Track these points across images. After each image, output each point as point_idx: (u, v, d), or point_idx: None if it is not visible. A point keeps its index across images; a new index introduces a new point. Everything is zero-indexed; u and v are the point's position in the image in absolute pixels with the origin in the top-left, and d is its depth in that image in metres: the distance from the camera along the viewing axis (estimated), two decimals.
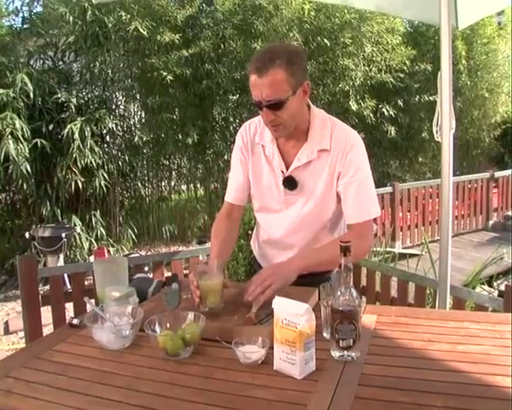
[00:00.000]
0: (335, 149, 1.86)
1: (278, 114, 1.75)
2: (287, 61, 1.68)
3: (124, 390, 1.28)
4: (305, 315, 1.30)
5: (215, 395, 1.25)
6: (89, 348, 1.52)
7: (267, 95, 1.70)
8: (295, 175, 1.91)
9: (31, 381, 1.34)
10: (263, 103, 1.73)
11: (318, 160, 1.88)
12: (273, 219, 2.03)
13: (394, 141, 8.87)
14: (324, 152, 1.87)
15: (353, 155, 1.86)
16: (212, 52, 6.87)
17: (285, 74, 1.68)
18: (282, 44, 1.79)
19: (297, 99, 1.75)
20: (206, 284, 1.66)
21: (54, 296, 3.22)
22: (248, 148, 2.02)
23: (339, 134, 1.88)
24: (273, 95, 1.70)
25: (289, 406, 1.20)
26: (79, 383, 1.32)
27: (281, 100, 1.71)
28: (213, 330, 1.52)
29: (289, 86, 1.70)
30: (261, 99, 1.72)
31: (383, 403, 1.20)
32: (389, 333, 1.60)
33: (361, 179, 1.87)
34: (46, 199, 6.33)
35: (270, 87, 1.69)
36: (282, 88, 1.69)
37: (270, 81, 1.68)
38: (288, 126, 1.81)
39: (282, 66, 1.67)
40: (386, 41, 7.98)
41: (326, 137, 1.87)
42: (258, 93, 1.72)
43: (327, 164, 1.87)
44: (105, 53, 6.43)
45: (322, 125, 1.88)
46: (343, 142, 1.86)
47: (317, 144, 1.87)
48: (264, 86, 1.69)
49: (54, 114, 6.37)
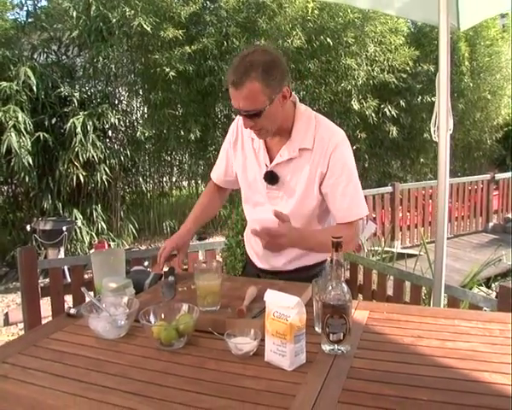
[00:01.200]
0: (318, 148, 1.88)
1: (257, 121, 1.79)
2: (262, 72, 1.70)
3: (118, 378, 1.31)
4: (296, 308, 1.33)
5: (207, 384, 1.28)
6: (85, 337, 1.56)
7: (244, 106, 1.74)
8: (277, 171, 1.94)
9: (27, 367, 1.37)
10: (241, 112, 1.78)
11: (300, 158, 1.90)
12: (257, 212, 2.07)
13: (396, 141, 8.89)
14: (306, 151, 1.89)
15: (338, 155, 1.87)
16: (216, 49, 6.89)
17: (260, 86, 1.71)
18: (258, 52, 1.77)
19: (275, 106, 1.78)
20: (204, 284, 1.66)
21: (53, 288, 3.25)
22: (238, 142, 2.08)
23: (322, 133, 1.88)
24: (249, 106, 1.74)
25: (278, 396, 1.22)
26: (75, 370, 1.36)
27: (257, 110, 1.75)
28: (206, 322, 1.55)
29: (265, 97, 1.73)
30: (239, 108, 1.77)
31: (370, 396, 1.22)
32: (380, 329, 1.62)
33: (347, 180, 1.89)
34: (48, 192, 6.36)
35: (247, 99, 1.72)
36: (258, 99, 1.73)
37: (246, 94, 1.71)
38: (270, 130, 1.86)
39: (257, 78, 1.69)
40: (389, 41, 8.01)
41: (309, 137, 1.88)
42: (236, 104, 1.76)
43: (308, 163, 1.89)
44: (108, 48, 6.44)
45: (305, 124, 1.90)
46: (326, 142, 1.87)
47: (299, 143, 1.89)
48: (240, 98, 1.73)
49: (56, 108, 6.40)
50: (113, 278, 1.80)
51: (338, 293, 1.40)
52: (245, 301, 1.66)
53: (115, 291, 1.72)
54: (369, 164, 9.54)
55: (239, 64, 1.73)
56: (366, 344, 1.50)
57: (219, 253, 4.09)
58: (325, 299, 1.41)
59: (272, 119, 1.81)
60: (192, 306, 1.57)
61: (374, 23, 7.77)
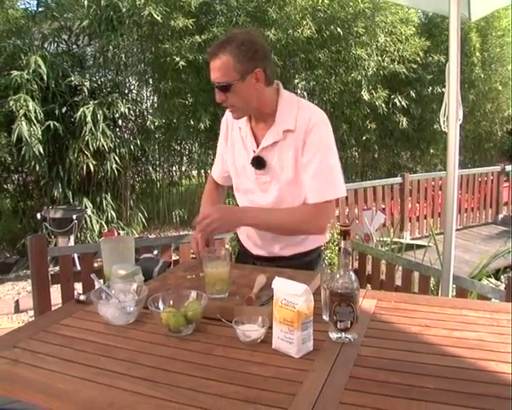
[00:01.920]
0: (299, 129, 1.91)
1: (228, 96, 1.86)
2: (235, 47, 1.79)
3: (126, 363, 1.32)
4: (304, 296, 1.33)
5: (214, 370, 1.29)
6: (94, 323, 1.57)
7: (216, 77, 1.84)
8: (263, 155, 1.98)
9: (37, 352, 1.39)
10: (215, 84, 1.86)
11: (284, 140, 1.94)
12: (248, 199, 2.10)
13: (406, 132, 8.85)
14: (290, 133, 1.93)
15: (315, 134, 1.90)
16: None
17: (232, 60, 1.80)
18: (240, 32, 1.89)
19: (247, 85, 1.85)
20: (213, 272, 1.67)
21: (63, 275, 3.29)
22: (228, 134, 2.14)
23: (303, 114, 1.92)
24: (221, 77, 1.82)
25: (285, 382, 1.23)
26: (84, 355, 1.37)
27: (228, 83, 1.82)
28: (215, 309, 1.56)
29: (236, 72, 1.81)
30: (213, 80, 1.86)
31: (377, 383, 1.23)
32: (388, 317, 1.62)
33: (321, 160, 1.90)
34: (58, 181, 6.41)
35: (219, 70, 1.82)
36: (228, 73, 1.81)
37: (219, 65, 1.81)
38: (242, 110, 1.93)
39: (230, 52, 1.79)
40: (399, 31, 7.95)
41: (291, 118, 1.92)
42: (211, 75, 1.86)
43: (292, 145, 1.93)
44: (119, 37, 6.45)
45: (288, 107, 1.94)
46: (306, 121, 1.90)
47: (283, 125, 1.93)
48: (214, 69, 1.83)
49: (67, 97, 6.42)
50: (122, 265, 1.81)
51: (346, 281, 1.41)
52: (254, 288, 1.67)
53: (124, 278, 1.73)
54: (379, 155, 9.52)
55: (220, 39, 1.87)
56: (373, 333, 1.51)
57: (228, 241, 4.11)
58: (333, 287, 1.42)
59: (243, 97, 1.87)
60: (200, 293, 1.58)
61: (384, 13, 7.72)
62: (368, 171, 9.55)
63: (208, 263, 1.67)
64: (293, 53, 7.36)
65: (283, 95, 1.98)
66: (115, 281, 1.72)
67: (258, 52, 1.86)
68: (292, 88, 7.93)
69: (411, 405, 1.13)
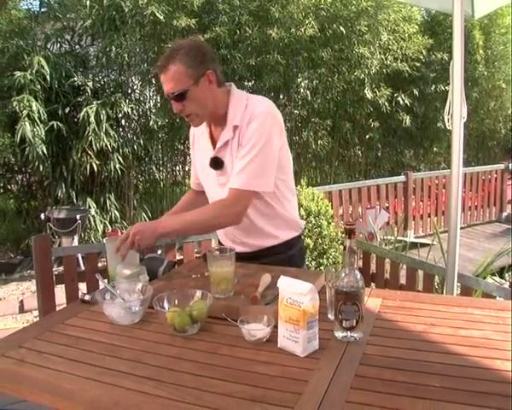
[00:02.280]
0: (243, 124, 1.94)
1: (185, 104, 1.89)
2: (183, 54, 1.83)
3: (132, 363, 1.33)
4: (309, 294, 1.33)
5: (219, 369, 1.29)
6: (99, 323, 1.58)
7: (170, 88, 1.86)
8: (220, 156, 2.00)
9: (42, 352, 1.40)
10: (170, 96, 1.88)
11: (234, 138, 1.96)
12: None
13: (409, 130, 8.83)
14: (236, 129, 1.95)
15: (253, 124, 1.91)
16: (228, 38, 6.85)
17: (183, 67, 1.83)
18: (184, 41, 1.94)
19: (201, 88, 1.88)
20: (218, 271, 1.67)
21: (67, 275, 3.30)
22: (195, 143, 2.20)
23: (249, 108, 1.94)
24: (175, 87, 1.85)
25: (291, 381, 1.23)
26: (89, 354, 1.38)
27: (183, 90, 1.85)
28: (220, 309, 1.56)
29: (189, 77, 1.85)
30: (168, 92, 1.88)
31: (382, 382, 1.23)
32: (393, 316, 1.62)
33: (253, 147, 1.90)
34: (61, 181, 6.41)
35: (171, 80, 1.85)
36: (181, 80, 1.84)
37: (171, 75, 1.85)
38: (200, 115, 1.95)
39: (179, 60, 1.83)
40: (402, 29, 7.92)
41: (239, 114, 1.95)
42: (165, 88, 1.89)
43: (237, 140, 1.95)
44: (121, 37, 6.43)
45: (238, 105, 1.97)
46: (249, 114, 1.92)
47: (231, 122, 1.96)
48: (166, 81, 1.86)
49: (70, 98, 6.42)
50: (127, 265, 1.81)
51: (351, 280, 1.41)
52: (259, 287, 1.67)
53: (129, 278, 1.73)
54: (382, 153, 9.50)
55: (166, 52, 1.88)
56: (379, 331, 1.51)
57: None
58: (338, 286, 1.42)
59: (199, 102, 1.90)
60: (205, 292, 1.58)
61: (387, 11, 7.70)
62: (371, 169, 9.53)
63: (213, 262, 1.67)
64: (295, 52, 7.35)
65: (234, 94, 2.00)
66: (120, 281, 1.73)
67: (206, 55, 1.91)
68: (295, 87, 7.94)
69: (417, 403, 1.13)
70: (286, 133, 2.06)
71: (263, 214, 2.04)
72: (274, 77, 7.05)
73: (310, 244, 3.62)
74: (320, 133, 8.00)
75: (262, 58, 7.10)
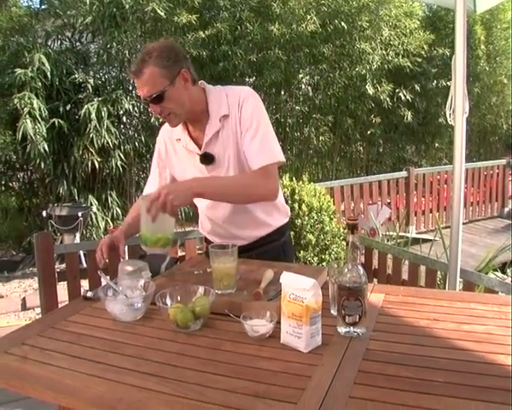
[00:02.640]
0: (232, 110, 1.96)
1: (163, 105, 1.88)
2: (156, 57, 1.83)
3: (134, 359, 1.32)
4: (312, 290, 1.33)
5: (222, 365, 1.29)
6: (102, 320, 1.58)
7: (147, 91, 1.85)
8: (209, 150, 2.00)
9: (45, 348, 1.39)
10: (147, 99, 1.87)
11: (224, 128, 1.98)
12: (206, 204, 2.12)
13: (411, 126, 8.82)
14: (226, 118, 1.97)
15: (247, 107, 1.95)
16: (229, 34, 6.85)
17: (157, 69, 1.83)
18: (155, 43, 1.91)
19: (177, 87, 1.88)
20: (220, 267, 1.67)
21: (69, 272, 3.30)
22: (169, 150, 2.16)
23: (232, 96, 1.98)
24: (152, 90, 1.84)
25: (294, 377, 1.23)
26: (92, 351, 1.37)
27: (160, 92, 1.84)
28: (223, 304, 1.56)
29: (164, 78, 1.84)
30: (144, 96, 1.87)
31: (386, 377, 1.22)
32: (396, 311, 1.62)
33: (258, 126, 1.94)
34: (63, 178, 6.41)
35: (147, 84, 1.84)
36: (157, 81, 1.84)
37: (146, 79, 1.83)
38: (179, 113, 1.94)
39: (152, 63, 1.82)
40: (404, 25, 7.92)
41: (224, 104, 1.97)
42: (141, 92, 1.87)
43: (231, 128, 1.97)
44: (122, 34, 6.42)
45: (218, 97, 1.99)
46: (236, 100, 1.96)
47: (217, 114, 1.97)
48: (142, 85, 1.85)
49: (71, 95, 6.41)
50: (129, 261, 1.81)
51: (354, 275, 1.40)
52: (261, 283, 1.67)
53: (132, 274, 1.73)
54: (384, 149, 9.49)
55: (138, 58, 1.86)
56: (382, 327, 1.50)
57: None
58: (341, 281, 1.41)
59: (177, 101, 1.90)
60: (208, 288, 1.58)
61: (388, 7, 7.69)
62: (373, 165, 9.53)
63: (215, 258, 1.67)
64: (297, 48, 7.33)
65: (210, 89, 2.03)
66: (122, 277, 1.72)
67: (178, 54, 1.92)
68: (296, 83, 7.92)
69: (421, 399, 1.13)
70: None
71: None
72: (275, 73, 7.04)
73: (312, 240, 3.62)
74: (321, 129, 8.00)
75: (263, 54, 7.09)
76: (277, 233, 2.17)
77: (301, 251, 3.60)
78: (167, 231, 1.81)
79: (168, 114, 1.92)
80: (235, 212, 2.05)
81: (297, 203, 3.64)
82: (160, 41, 1.98)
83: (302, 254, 3.58)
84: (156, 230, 1.78)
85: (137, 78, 1.84)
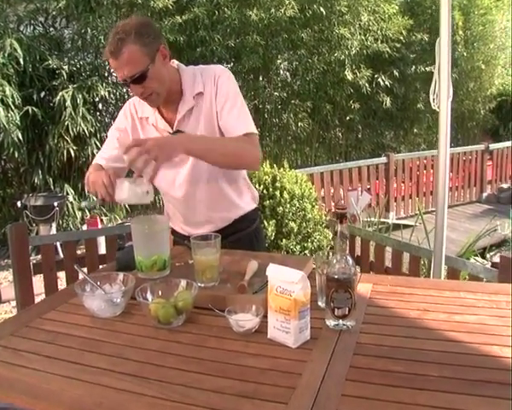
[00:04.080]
0: (207, 87, 1.93)
1: (145, 85, 1.81)
2: (135, 34, 1.74)
3: (113, 358, 1.25)
4: (300, 283, 1.27)
5: (207, 363, 1.23)
6: (79, 317, 1.49)
7: (128, 71, 1.76)
8: (182, 128, 1.94)
9: (19, 349, 1.31)
10: (128, 81, 1.78)
11: (197, 106, 1.93)
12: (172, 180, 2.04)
13: (389, 111, 8.81)
14: (200, 96, 1.93)
15: (222, 82, 1.93)
16: (207, 19, 6.72)
17: (138, 47, 1.74)
18: (128, 20, 1.81)
19: (158, 65, 1.81)
20: (202, 259, 1.60)
21: (45, 264, 3.21)
22: (136, 125, 2.05)
23: (207, 74, 1.95)
24: (133, 70, 1.76)
25: (283, 375, 1.17)
26: (68, 351, 1.30)
27: (142, 71, 1.77)
28: (206, 299, 1.49)
29: (145, 56, 1.76)
30: (125, 77, 1.78)
31: (378, 372, 1.18)
32: (385, 302, 1.57)
33: (235, 99, 1.93)
34: (38, 167, 6.26)
35: (128, 64, 1.75)
36: (139, 61, 1.75)
37: (127, 58, 1.74)
38: (160, 93, 1.87)
39: (132, 41, 1.73)
40: (382, 10, 7.84)
41: (198, 82, 1.93)
42: (120, 73, 1.78)
43: (205, 105, 1.93)
44: (97, 19, 6.26)
45: (192, 75, 1.95)
46: (211, 78, 1.93)
47: (192, 91, 1.93)
48: (123, 66, 1.75)
49: (45, 82, 6.24)
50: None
51: (343, 266, 1.35)
52: (246, 275, 1.60)
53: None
54: (363, 135, 9.47)
55: (113, 36, 1.75)
56: (371, 319, 1.46)
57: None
58: (329, 272, 1.36)
59: (159, 79, 1.83)
60: (190, 282, 1.51)
61: None
62: (352, 151, 9.51)
63: (197, 250, 1.59)
64: (275, 33, 7.23)
65: (183, 68, 1.98)
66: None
67: (156, 30, 1.86)
68: (274, 68, 7.84)
69: (416, 395, 1.09)
70: None
71: (228, 178, 2.04)
72: (253, 58, 6.93)
73: (294, 228, 3.56)
74: (300, 115, 7.94)
75: (241, 39, 6.97)
76: (248, 220, 2.16)
77: (283, 239, 3.54)
78: (163, 252, 1.72)
79: (150, 93, 1.84)
80: (210, 191, 2.01)
81: (278, 191, 3.58)
82: (134, 18, 1.87)
83: (284, 242, 3.53)
84: (151, 252, 1.70)
85: (116, 58, 1.74)
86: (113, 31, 1.77)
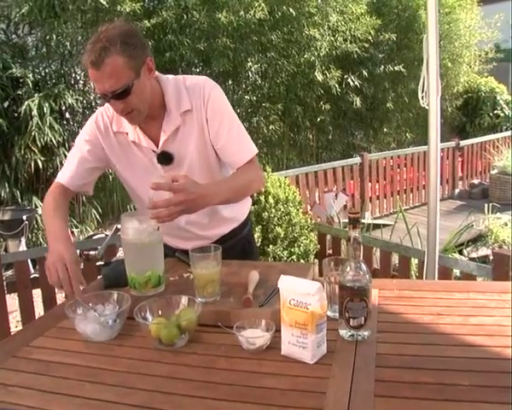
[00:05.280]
0: (195, 105, 1.77)
1: (127, 101, 1.62)
2: (121, 44, 1.55)
3: (118, 388, 1.13)
4: (317, 294, 1.18)
5: (221, 387, 1.12)
6: (72, 342, 1.36)
7: (110, 86, 1.57)
8: (167, 148, 1.78)
9: (8, 384, 1.17)
10: (108, 95, 1.60)
11: (184, 125, 1.77)
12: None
13: (359, 112, 8.84)
14: (188, 113, 1.77)
15: (214, 102, 1.78)
16: (175, 23, 6.61)
17: (123, 59, 1.56)
18: (111, 27, 1.61)
19: (142, 79, 1.64)
20: (203, 273, 1.49)
21: (20, 282, 3.07)
22: (111, 138, 1.84)
23: (193, 89, 1.78)
24: (116, 84, 1.57)
25: (306, 395, 1.08)
26: (65, 382, 1.17)
27: (126, 86, 1.59)
28: (209, 315, 1.38)
29: (131, 70, 1.59)
30: (105, 91, 1.59)
31: (406, 385, 1.10)
32: (395, 308, 1.50)
33: (231, 120, 1.82)
34: (4, 180, 6.05)
35: (112, 77, 1.56)
36: (124, 75, 1.57)
37: (110, 71, 1.55)
38: (142, 110, 1.68)
39: (117, 52, 1.54)
40: (351, 10, 7.86)
41: (184, 98, 1.76)
42: (100, 86, 1.59)
43: (194, 124, 1.78)
44: (62, 25, 6.08)
45: (175, 89, 1.77)
46: (200, 94, 1.77)
47: (178, 109, 1.76)
48: (104, 78, 1.57)
49: (9, 91, 6.04)
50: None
51: (357, 273, 1.27)
52: (249, 287, 1.50)
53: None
54: (333, 136, 9.47)
55: (95, 43, 1.55)
56: (385, 327, 1.38)
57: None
58: (343, 281, 1.27)
59: (142, 95, 1.65)
60: (192, 298, 1.40)
61: None
62: (322, 152, 9.51)
63: (197, 263, 1.48)
64: (244, 36, 7.15)
65: (164, 79, 1.79)
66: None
67: (142, 40, 1.68)
68: (244, 72, 7.76)
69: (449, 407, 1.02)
70: None
71: None
72: (223, 62, 6.84)
73: (280, 233, 3.48)
74: (271, 118, 7.88)
75: (210, 43, 6.88)
76: (241, 226, 2.06)
77: (270, 245, 3.45)
78: (157, 268, 1.59)
79: (131, 111, 1.65)
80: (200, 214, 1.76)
81: (263, 195, 3.48)
82: (118, 24, 1.64)
83: (271, 248, 3.44)
84: (145, 268, 1.57)
85: (97, 69, 1.54)
86: (94, 36, 1.58)
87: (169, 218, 1.49)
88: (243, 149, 1.80)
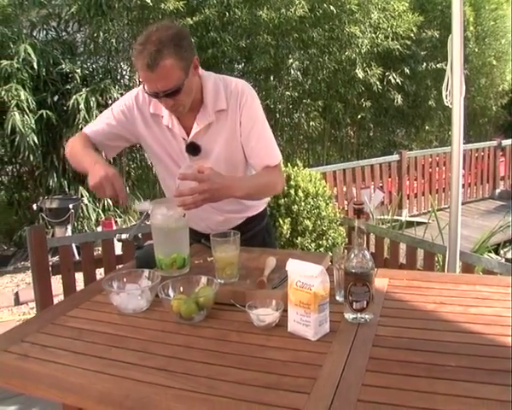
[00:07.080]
0: (232, 105, 1.88)
1: (177, 99, 1.75)
2: (173, 47, 1.66)
3: (139, 353, 1.29)
4: (320, 277, 1.30)
5: (230, 356, 1.26)
6: (102, 314, 1.53)
7: (163, 86, 1.69)
8: (197, 140, 1.91)
9: (46, 345, 1.35)
10: (160, 94, 1.73)
11: (217, 122, 1.89)
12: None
13: (401, 109, 8.79)
14: (222, 113, 1.88)
15: (248, 106, 1.89)
16: (217, 20, 6.76)
17: (175, 61, 1.67)
18: (162, 29, 1.70)
19: (190, 78, 1.76)
20: (222, 256, 1.63)
21: (64, 265, 3.25)
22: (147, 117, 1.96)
23: (232, 90, 1.88)
24: (169, 85, 1.69)
25: (305, 366, 1.20)
26: (95, 346, 1.33)
27: (177, 86, 1.71)
28: (226, 294, 1.52)
29: (182, 71, 1.71)
30: (157, 91, 1.72)
31: (398, 363, 1.20)
32: (401, 296, 1.60)
33: (262, 129, 1.94)
34: (53, 170, 6.32)
35: (165, 79, 1.68)
36: (175, 76, 1.69)
37: (164, 73, 1.67)
38: (187, 104, 1.82)
39: (170, 54, 1.65)
40: (392, 7, 7.84)
41: (221, 98, 1.87)
42: (152, 86, 1.72)
43: (226, 123, 1.89)
44: (109, 22, 6.30)
45: (214, 87, 1.88)
46: (236, 96, 1.88)
47: (213, 106, 1.88)
48: (158, 79, 1.68)
49: (59, 85, 6.31)
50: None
51: (360, 260, 1.38)
52: (265, 271, 1.63)
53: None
54: (374, 133, 9.46)
55: (147, 45, 1.65)
56: (389, 312, 1.48)
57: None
58: (347, 267, 1.39)
59: (190, 92, 1.79)
60: (211, 278, 1.54)
61: None
62: (363, 149, 9.50)
63: (217, 247, 1.63)
64: (286, 33, 7.24)
65: (205, 75, 1.90)
66: None
67: (191, 42, 1.79)
68: (285, 68, 7.85)
69: (435, 384, 1.11)
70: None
71: None
72: (264, 59, 6.95)
73: (309, 226, 3.59)
74: (312, 114, 7.95)
75: (252, 40, 7.00)
76: (259, 217, 2.18)
77: (298, 237, 3.56)
78: (182, 250, 1.75)
79: (179, 105, 1.80)
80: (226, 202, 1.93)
81: (293, 189, 3.60)
82: (168, 26, 1.74)
83: (300, 240, 3.55)
84: (171, 250, 1.73)
85: (152, 71, 1.64)
86: (143, 37, 1.68)
87: (194, 205, 1.64)
88: (270, 154, 1.95)
